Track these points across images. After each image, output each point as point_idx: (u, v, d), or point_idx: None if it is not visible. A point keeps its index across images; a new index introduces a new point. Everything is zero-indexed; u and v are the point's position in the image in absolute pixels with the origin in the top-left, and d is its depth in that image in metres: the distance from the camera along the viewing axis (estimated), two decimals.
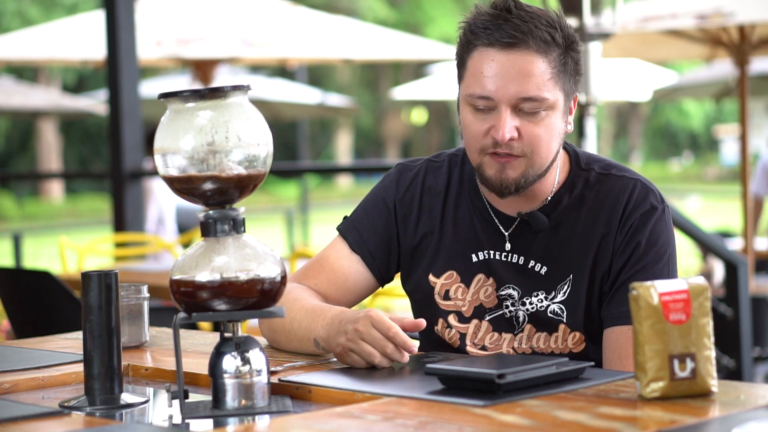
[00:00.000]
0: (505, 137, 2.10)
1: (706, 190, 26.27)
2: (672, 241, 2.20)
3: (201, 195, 1.80)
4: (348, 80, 29.61)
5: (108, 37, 6.50)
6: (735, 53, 6.40)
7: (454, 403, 1.71)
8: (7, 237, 13.12)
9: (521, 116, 2.11)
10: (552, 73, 2.11)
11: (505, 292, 2.21)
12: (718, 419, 1.58)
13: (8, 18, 22.79)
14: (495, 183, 2.15)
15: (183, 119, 1.79)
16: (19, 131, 27.86)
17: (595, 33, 4.70)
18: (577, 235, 2.19)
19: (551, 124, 2.13)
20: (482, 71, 2.11)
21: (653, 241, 2.16)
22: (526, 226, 2.22)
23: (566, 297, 2.17)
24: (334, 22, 8.93)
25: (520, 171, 2.13)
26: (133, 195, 6.61)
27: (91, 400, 1.86)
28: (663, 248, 2.17)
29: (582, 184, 2.22)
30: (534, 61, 2.09)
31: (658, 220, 2.17)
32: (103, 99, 12.74)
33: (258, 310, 1.79)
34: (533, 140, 2.12)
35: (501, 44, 2.09)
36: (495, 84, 2.10)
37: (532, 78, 2.09)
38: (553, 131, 2.13)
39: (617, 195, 2.19)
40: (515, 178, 2.14)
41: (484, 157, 2.14)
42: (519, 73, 2.09)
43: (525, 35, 2.08)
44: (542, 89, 2.09)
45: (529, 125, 2.11)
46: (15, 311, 3.75)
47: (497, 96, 2.10)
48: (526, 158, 2.13)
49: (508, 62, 2.09)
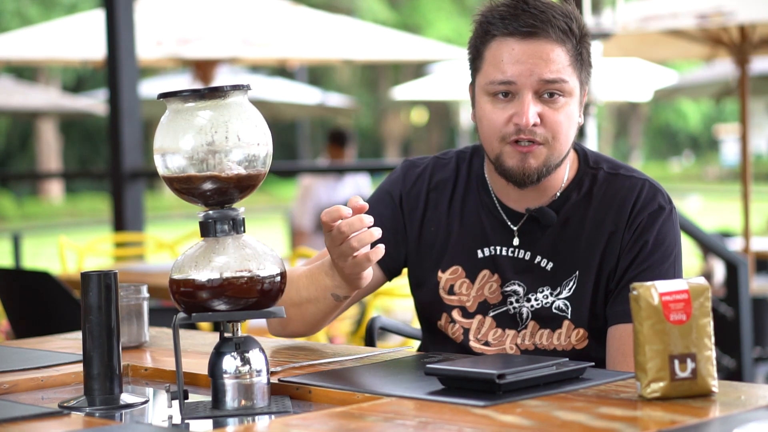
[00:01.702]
0: (529, 122, 2.12)
1: (707, 190, 26.28)
2: (678, 242, 2.21)
3: (201, 195, 1.79)
4: (348, 80, 29.61)
5: (108, 36, 6.50)
6: (735, 53, 6.40)
7: (454, 403, 1.70)
8: (6, 237, 13.12)
9: (542, 102, 2.13)
10: (570, 60, 2.14)
11: (510, 288, 2.22)
12: (719, 419, 1.58)
13: (8, 17, 22.80)
14: (517, 173, 2.16)
15: (182, 119, 1.79)
16: (18, 131, 27.87)
17: (595, 33, 4.69)
18: (585, 232, 2.20)
19: (570, 112, 2.15)
20: (502, 59, 2.13)
21: (660, 240, 2.17)
22: (534, 222, 2.23)
23: (572, 293, 2.18)
24: (334, 22, 8.93)
25: (542, 160, 2.15)
26: (132, 195, 6.61)
27: (90, 400, 1.86)
28: (670, 248, 2.18)
29: (590, 182, 2.23)
30: (554, 48, 2.12)
31: (666, 221, 2.18)
32: (102, 99, 12.74)
33: (258, 310, 1.79)
34: (555, 126, 2.14)
35: (520, 33, 2.12)
36: (517, 69, 2.12)
37: (552, 63, 2.12)
38: (571, 118, 2.16)
39: (626, 194, 2.20)
40: (537, 167, 2.15)
41: (505, 146, 2.15)
42: (540, 59, 2.12)
43: (544, 24, 2.12)
44: (564, 73, 2.13)
45: (551, 111, 2.13)
46: (15, 311, 3.75)
47: (519, 80, 2.12)
48: (547, 146, 2.14)
49: (529, 50, 2.12)
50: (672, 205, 2.22)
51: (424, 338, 2.34)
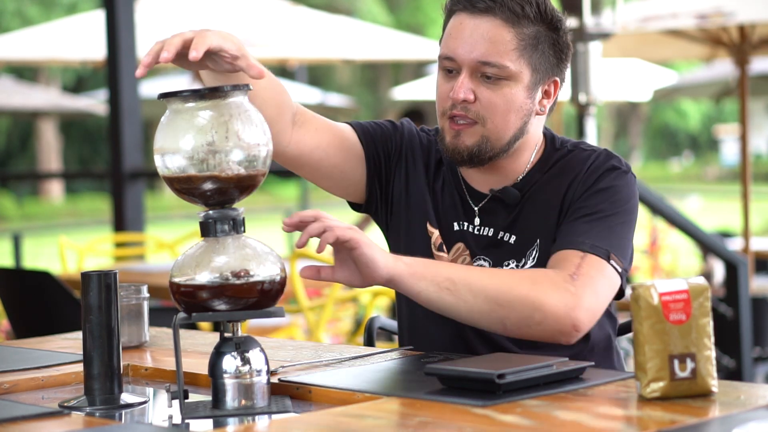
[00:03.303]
0: (458, 96, 2.14)
1: (706, 190, 26.27)
2: (632, 206, 2.17)
3: (201, 195, 1.80)
4: (348, 80, 29.61)
5: (108, 37, 6.51)
6: (735, 53, 6.40)
7: (454, 403, 1.71)
8: (7, 237, 13.12)
9: (481, 81, 2.15)
10: (518, 44, 2.14)
11: (478, 263, 2.22)
12: (719, 419, 1.58)
13: (8, 18, 22.80)
14: (449, 149, 2.18)
15: (183, 119, 1.79)
16: (19, 131, 27.87)
17: (595, 33, 4.70)
18: (544, 203, 2.20)
19: (510, 95, 2.15)
20: (451, 33, 2.17)
21: (611, 192, 2.15)
22: (497, 201, 2.23)
23: (535, 262, 2.18)
24: (334, 22, 8.93)
25: (475, 139, 2.16)
26: (133, 195, 6.61)
27: (90, 400, 1.86)
28: (619, 204, 2.14)
29: (553, 162, 2.24)
30: (500, 29, 2.13)
31: (619, 177, 2.17)
32: (103, 99, 12.75)
33: (258, 310, 1.79)
34: (488, 106, 2.15)
35: (473, 10, 2.15)
36: (459, 46, 2.15)
37: (494, 45, 2.13)
38: (511, 103, 2.15)
39: (583, 161, 2.20)
40: (468, 146, 2.16)
41: (445, 122, 2.19)
42: (482, 38, 2.13)
43: (495, 3, 2.13)
44: (503, 57, 2.13)
45: (487, 91, 2.15)
46: (15, 311, 3.75)
47: (459, 57, 2.15)
48: (482, 125, 2.15)
49: (475, 27, 2.14)
50: (630, 171, 2.20)
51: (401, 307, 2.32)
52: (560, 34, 2.19)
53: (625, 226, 2.14)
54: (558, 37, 2.18)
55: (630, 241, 2.15)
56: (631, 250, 2.15)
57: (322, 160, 2.24)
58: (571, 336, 2.02)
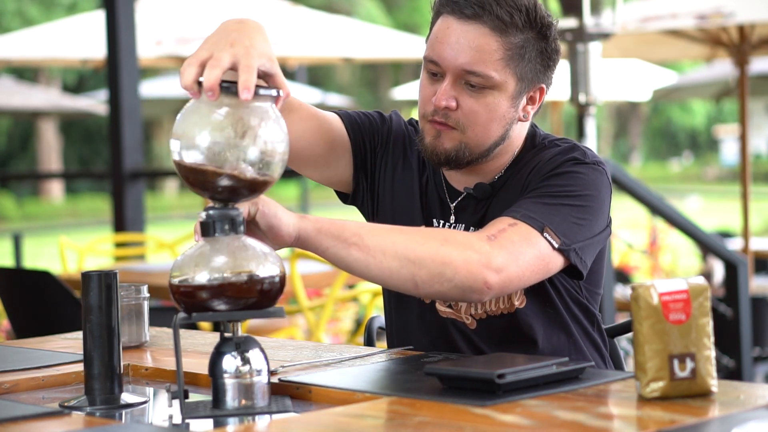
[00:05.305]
0: (441, 104, 2.12)
1: (706, 190, 26.28)
2: (588, 195, 2.11)
3: (211, 188, 1.78)
4: (348, 80, 29.62)
5: (108, 36, 6.51)
6: (735, 53, 6.40)
7: (453, 403, 1.71)
8: (7, 237, 13.13)
9: (464, 89, 2.13)
10: (504, 54, 2.11)
11: None
12: (718, 419, 1.58)
13: (8, 18, 22.80)
14: (428, 150, 2.17)
15: (208, 110, 1.77)
16: (19, 131, 27.87)
17: (595, 33, 4.70)
18: (508, 196, 2.18)
19: (493, 104, 2.13)
20: (438, 37, 2.16)
21: (564, 178, 2.11)
22: (470, 198, 2.23)
23: None
24: (333, 22, 8.93)
25: (453, 144, 2.15)
26: (133, 195, 6.61)
27: (91, 400, 1.86)
28: (571, 188, 2.10)
29: (527, 159, 2.21)
30: (487, 37, 2.11)
31: (577, 165, 2.13)
32: (103, 99, 12.74)
33: (258, 310, 1.79)
34: (469, 115, 2.13)
35: (461, 15, 2.12)
36: (445, 51, 2.13)
37: (480, 53, 2.11)
38: (494, 112, 2.14)
39: (546, 154, 2.17)
40: (447, 149, 2.15)
41: (426, 124, 2.17)
42: (469, 46, 2.11)
43: (483, 11, 2.10)
44: (488, 67, 2.11)
45: (469, 99, 2.13)
46: (15, 311, 3.76)
47: (444, 63, 2.13)
48: (460, 132, 2.14)
49: (462, 33, 2.12)
50: (595, 164, 2.13)
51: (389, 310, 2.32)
52: (549, 41, 2.15)
53: (576, 210, 2.08)
54: (546, 44, 2.15)
55: (582, 227, 2.07)
56: (585, 238, 2.07)
57: (304, 149, 2.23)
58: (483, 293, 1.96)
